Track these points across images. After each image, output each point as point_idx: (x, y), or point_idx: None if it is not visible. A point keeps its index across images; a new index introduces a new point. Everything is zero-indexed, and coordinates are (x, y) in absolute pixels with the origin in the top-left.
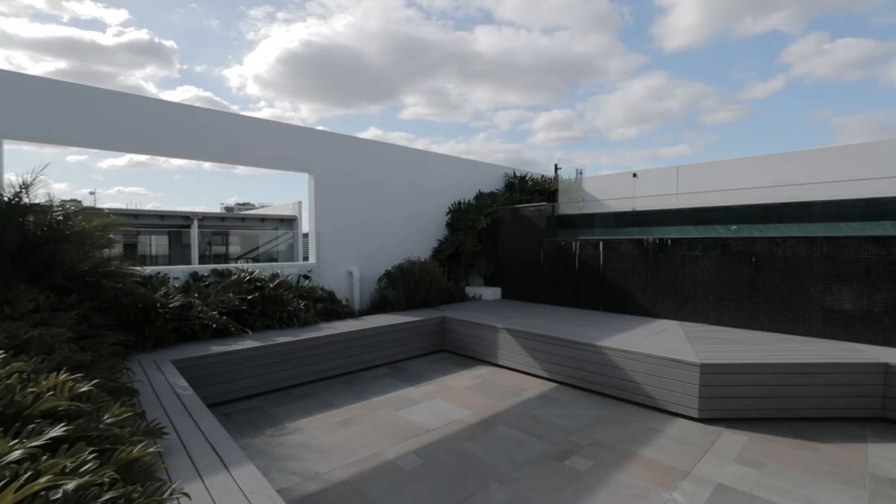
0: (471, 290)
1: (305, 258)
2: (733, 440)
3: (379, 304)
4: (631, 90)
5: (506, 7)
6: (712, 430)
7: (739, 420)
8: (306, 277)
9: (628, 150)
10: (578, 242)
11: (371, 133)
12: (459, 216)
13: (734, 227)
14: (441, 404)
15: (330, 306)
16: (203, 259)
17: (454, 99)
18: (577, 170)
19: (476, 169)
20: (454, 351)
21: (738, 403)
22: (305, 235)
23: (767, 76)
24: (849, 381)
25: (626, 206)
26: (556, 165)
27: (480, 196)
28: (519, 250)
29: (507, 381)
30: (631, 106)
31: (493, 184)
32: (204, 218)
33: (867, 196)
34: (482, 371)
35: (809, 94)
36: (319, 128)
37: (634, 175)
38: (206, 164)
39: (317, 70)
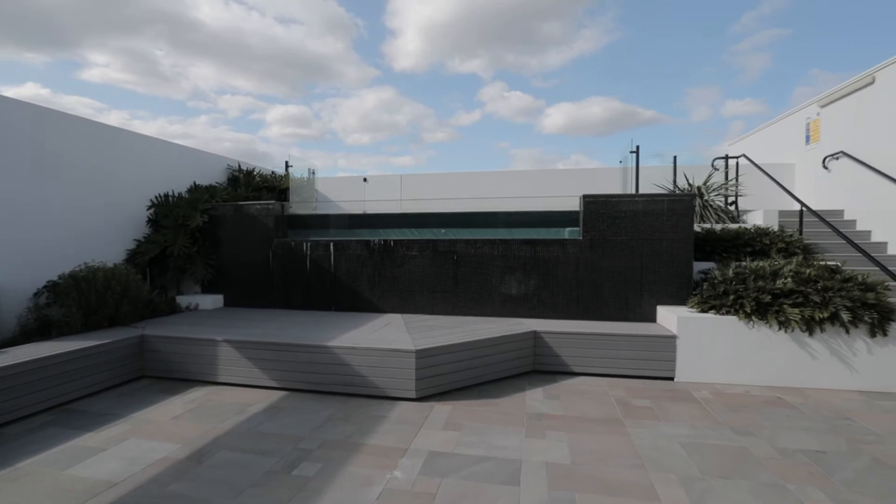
0: (184, 300)
1: None
2: (442, 411)
3: (37, 329)
4: (365, 99)
5: None
6: (426, 406)
7: (446, 392)
8: None
9: (363, 156)
10: (310, 243)
11: (29, 91)
12: (167, 211)
13: (443, 230)
14: (137, 445)
15: None
16: None
17: (166, 70)
18: (309, 169)
19: (191, 157)
20: (160, 375)
21: (444, 379)
22: None
23: (470, 108)
24: (514, 347)
25: (357, 209)
26: (286, 163)
27: (196, 189)
28: (245, 252)
29: (229, 400)
30: (365, 114)
31: (214, 176)
32: None
33: (527, 209)
34: (198, 393)
35: (496, 128)
36: None
37: (365, 179)
38: None
39: None
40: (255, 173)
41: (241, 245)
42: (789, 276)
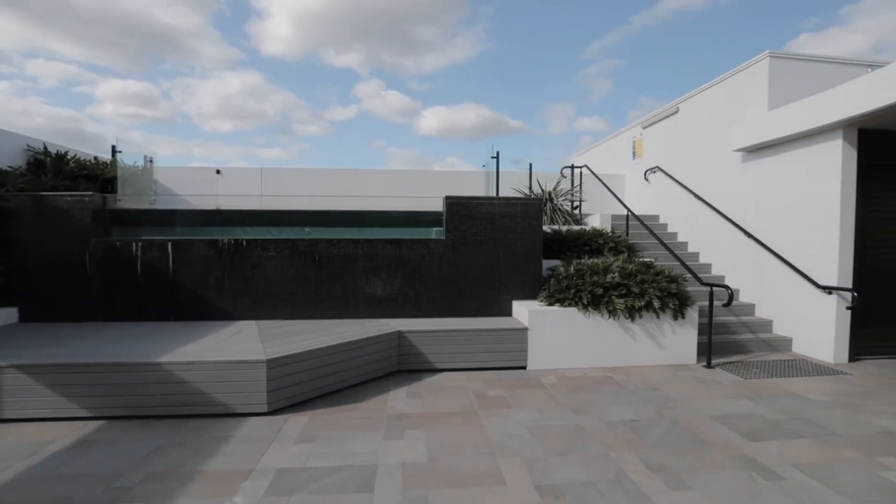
0: None
1: None
2: (296, 423)
3: None
4: (227, 83)
5: None
6: (279, 420)
7: (304, 402)
8: None
9: (225, 145)
10: (140, 243)
11: None
12: None
13: (307, 229)
14: None
15: None
16: None
17: None
18: (146, 156)
19: None
20: None
21: (302, 388)
22: None
23: (346, 104)
24: (379, 348)
25: (210, 204)
26: (113, 147)
27: None
28: (50, 254)
29: (18, 440)
30: (226, 99)
31: (8, 159)
32: None
33: (396, 209)
34: None
35: (373, 126)
36: None
37: (218, 172)
38: None
39: None
40: (68, 158)
41: (46, 245)
42: (616, 271)
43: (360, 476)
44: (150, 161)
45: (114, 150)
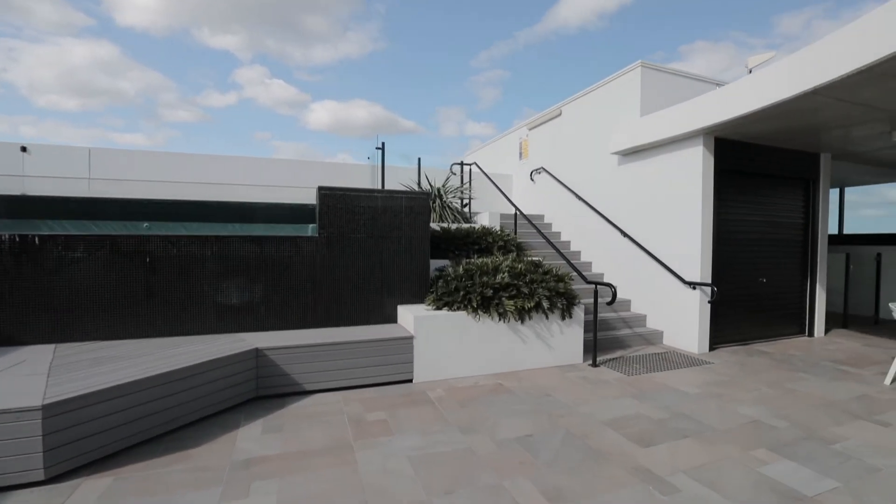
0: None
1: None
2: (92, 490)
3: None
4: (71, 52)
5: None
6: (64, 489)
7: (111, 456)
8: None
9: (68, 126)
10: None
11: None
12: None
13: (147, 224)
14: None
15: None
16: None
17: None
18: None
19: None
20: None
21: (108, 437)
22: None
23: (224, 90)
24: (229, 372)
25: (13, 189)
26: None
27: None
28: None
29: None
30: (70, 71)
31: None
32: None
33: (264, 201)
34: None
35: (256, 116)
36: None
37: (24, 149)
38: None
39: None
40: None
41: None
42: (506, 270)
43: None
44: None
45: None
